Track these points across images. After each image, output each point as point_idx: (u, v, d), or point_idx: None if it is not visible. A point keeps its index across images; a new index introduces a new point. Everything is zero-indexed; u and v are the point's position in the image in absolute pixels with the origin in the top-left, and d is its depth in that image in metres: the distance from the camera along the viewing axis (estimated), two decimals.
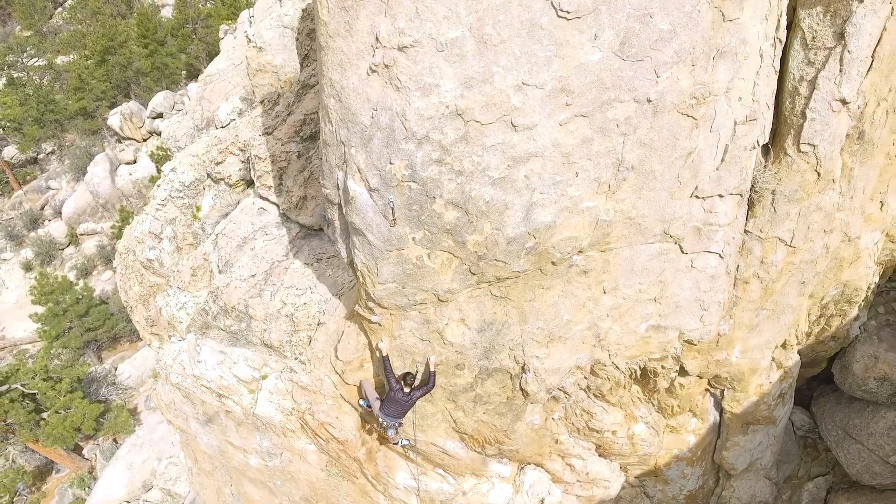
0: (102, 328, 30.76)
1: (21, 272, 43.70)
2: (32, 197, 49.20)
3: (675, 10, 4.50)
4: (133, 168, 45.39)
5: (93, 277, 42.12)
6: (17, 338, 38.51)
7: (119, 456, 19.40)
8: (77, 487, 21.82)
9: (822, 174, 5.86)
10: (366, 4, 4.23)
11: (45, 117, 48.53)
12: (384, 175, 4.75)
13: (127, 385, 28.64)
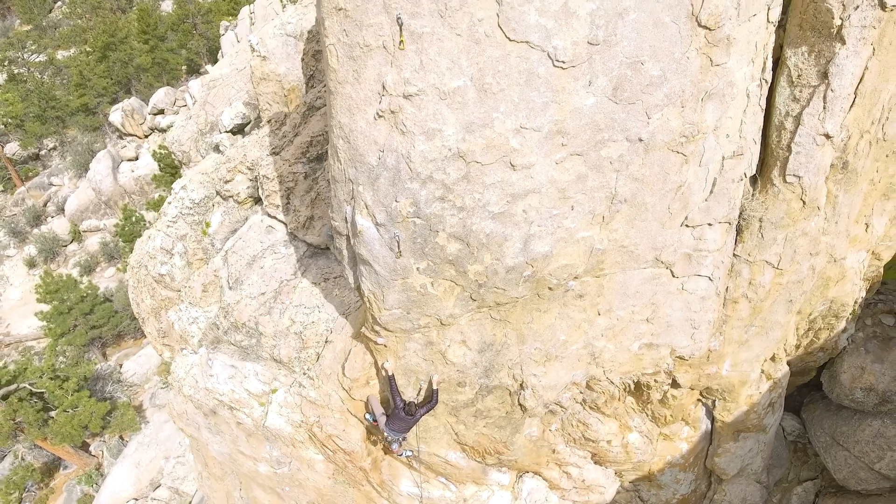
0: (107, 326, 31.08)
1: (24, 269, 43.97)
2: (35, 193, 49.40)
3: (665, 58, 4.77)
4: (135, 165, 45.59)
5: (96, 274, 42.48)
6: (21, 334, 38.83)
7: (126, 454, 19.79)
8: (85, 484, 22.25)
9: (808, 202, 6.14)
10: (373, 55, 4.49)
11: (46, 114, 48.69)
12: (390, 211, 5.04)
13: (132, 382, 29.00)
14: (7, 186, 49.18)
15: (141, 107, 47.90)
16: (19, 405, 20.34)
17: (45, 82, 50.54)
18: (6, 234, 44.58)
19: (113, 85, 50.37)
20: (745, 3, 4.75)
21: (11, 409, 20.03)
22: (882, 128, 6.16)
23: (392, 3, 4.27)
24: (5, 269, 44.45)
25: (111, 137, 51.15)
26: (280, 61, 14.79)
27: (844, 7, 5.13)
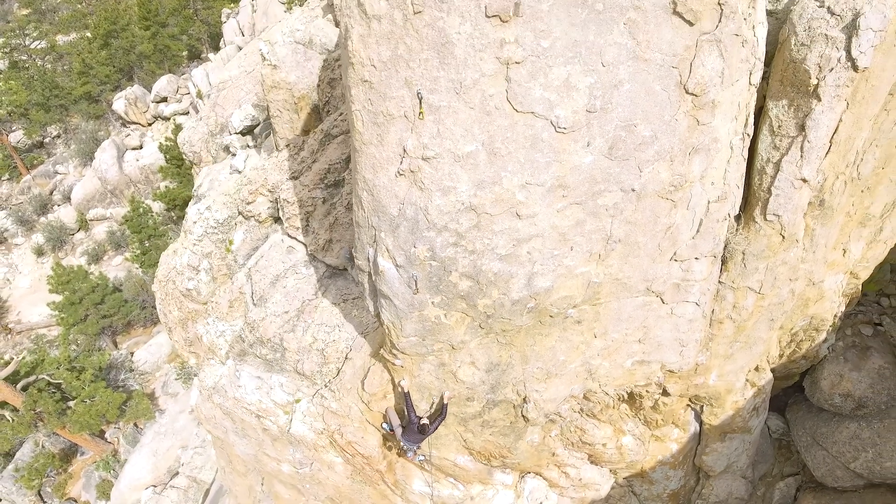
0: (117, 315, 31.82)
1: (33, 257, 44.56)
2: (41, 181, 49.82)
3: (656, 120, 5.32)
4: (140, 154, 45.96)
5: (104, 262, 43.13)
6: (32, 322, 39.58)
7: (144, 443, 20.65)
8: (103, 470, 23.17)
9: (787, 236, 6.72)
10: (395, 123, 5.05)
11: (50, 102, 48.90)
12: (409, 255, 5.64)
13: (143, 370, 29.78)
14: (13, 175, 49.60)
15: (144, 95, 48.10)
16: (39, 396, 21.15)
17: (47, 70, 50.61)
18: (14, 223, 45.14)
19: (115, 73, 50.49)
20: (729, 72, 5.28)
21: (32, 400, 20.85)
22: (857, 168, 6.71)
23: (413, 80, 4.81)
24: (14, 257, 45.12)
25: (115, 125, 51.45)
26: (290, 70, 15.28)
27: (820, 69, 5.66)
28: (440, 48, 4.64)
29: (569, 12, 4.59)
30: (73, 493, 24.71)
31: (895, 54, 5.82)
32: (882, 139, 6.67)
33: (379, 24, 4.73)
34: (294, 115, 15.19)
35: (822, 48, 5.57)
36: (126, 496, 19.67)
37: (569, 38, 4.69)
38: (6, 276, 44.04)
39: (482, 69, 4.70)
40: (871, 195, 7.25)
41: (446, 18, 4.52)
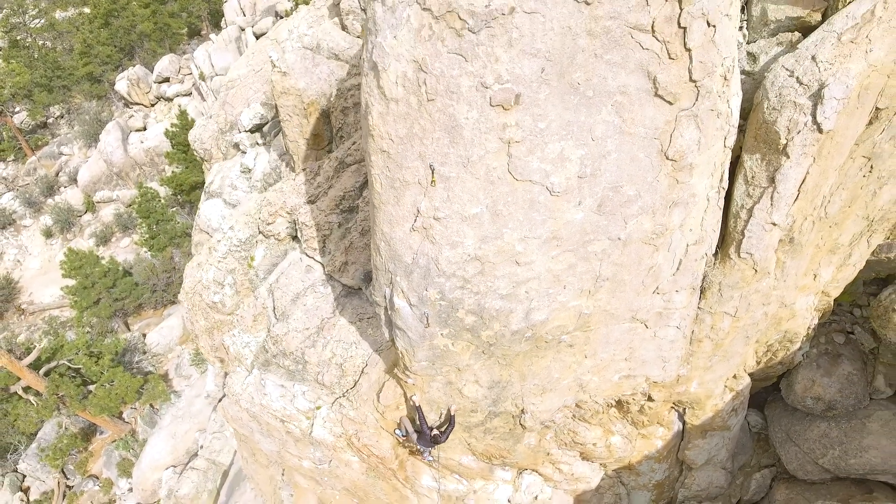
0: (129, 298, 32.70)
1: (42, 238, 45.33)
2: (46, 163, 50.23)
3: (639, 181, 6.02)
4: (144, 136, 46.32)
5: (112, 244, 43.94)
6: (45, 303, 40.53)
7: (162, 426, 21.77)
8: (122, 449, 24.39)
9: (759, 270, 7.48)
10: (410, 188, 5.77)
11: (53, 83, 48.95)
12: (421, 296, 6.42)
13: (156, 352, 30.81)
14: (18, 156, 50.03)
15: (146, 75, 48.18)
16: (60, 380, 22.20)
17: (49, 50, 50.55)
18: (21, 205, 45.78)
19: (117, 52, 50.47)
20: (705, 140, 5.96)
21: (54, 385, 21.91)
22: (825, 209, 7.42)
23: (426, 154, 5.51)
24: (23, 238, 45.91)
25: (117, 106, 51.64)
26: (299, 76, 15.86)
27: (789, 131, 6.33)
28: (450, 130, 5.32)
29: (563, 99, 5.26)
30: (93, 471, 26.04)
31: (858, 115, 6.48)
32: (848, 182, 7.37)
33: (396, 106, 5.40)
34: (304, 120, 15.82)
35: (791, 113, 6.23)
36: (147, 476, 20.88)
37: (563, 119, 5.37)
38: (16, 258, 44.92)
39: (487, 147, 5.39)
40: (839, 229, 7.97)
41: (456, 106, 5.20)
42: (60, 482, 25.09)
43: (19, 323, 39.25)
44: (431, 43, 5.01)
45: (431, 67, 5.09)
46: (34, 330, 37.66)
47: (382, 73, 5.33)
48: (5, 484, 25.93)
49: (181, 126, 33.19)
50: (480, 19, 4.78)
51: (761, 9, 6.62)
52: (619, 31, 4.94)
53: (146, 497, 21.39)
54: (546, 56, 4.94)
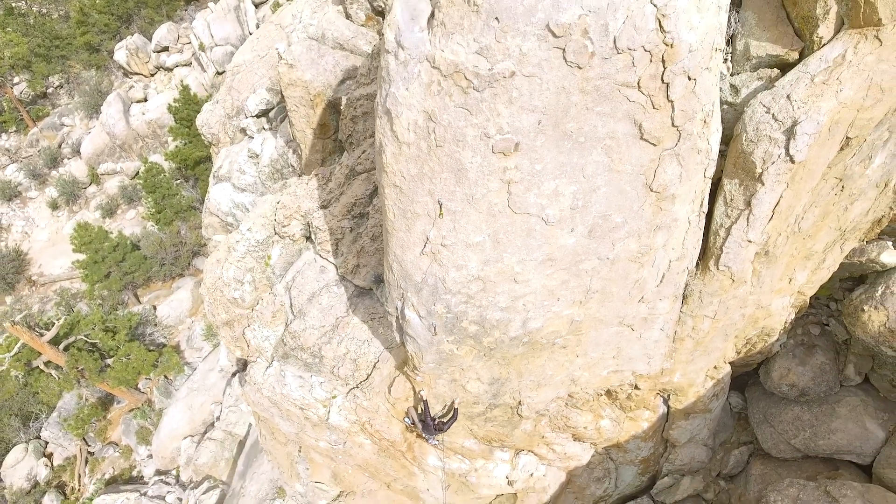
0: (138, 272, 33.52)
1: (48, 210, 45.84)
2: (48, 134, 50.37)
3: (626, 210, 6.69)
4: (145, 107, 46.31)
5: (118, 216, 44.59)
6: (55, 275, 41.37)
7: (179, 398, 22.93)
8: (140, 419, 25.66)
9: (736, 280, 8.20)
10: (420, 219, 6.44)
11: (51, 53, 48.69)
12: (430, 310, 7.17)
13: (167, 324, 31.83)
14: (20, 127, 50.11)
15: (144, 44, 47.86)
16: (80, 355, 23.24)
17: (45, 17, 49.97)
18: (26, 176, 46.16)
19: (114, 21, 49.97)
20: (686, 174, 6.59)
21: (74, 359, 22.95)
22: (798, 225, 8.09)
23: (434, 191, 6.17)
24: (30, 210, 46.48)
25: (117, 75, 51.38)
26: (306, 68, 16.29)
27: (764, 161, 6.94)
28: (456, 171, 5.96)
29: (557, 144, 5.88)
30: (113, 438, 27.43)
31: (829, 144, 7.09)
32: (821, 201, 8.02)
33: (408, 149, 6.03)
34: (310, 111, 16.34)
35: (766, 146, 6.84)
36: (166, 444, 22.15)
37: (557, 161, 6.00)
38: (24, 230, 45.61)
39: (489, 187, 6.04)
40: (812, 240, 8.66)
41: (461, 152, 5.82)
42: (82, 449, 26.49)
43: (31, 294, 40.24)
44: (440, 97, 5.60)
45: (440, 118, 5.70)
46: (46, 301, 38.68)
47: (395, 119, 5.93)
48: (29, 450, 27.35)
49: (184, 101, 33.34)
50: (484, 80, 5.37)
51: (745, 44, 7.13)
52: (608, 88, 5.53)
53: (165, 464, 22.73)
54: (542, 111, 5.54)
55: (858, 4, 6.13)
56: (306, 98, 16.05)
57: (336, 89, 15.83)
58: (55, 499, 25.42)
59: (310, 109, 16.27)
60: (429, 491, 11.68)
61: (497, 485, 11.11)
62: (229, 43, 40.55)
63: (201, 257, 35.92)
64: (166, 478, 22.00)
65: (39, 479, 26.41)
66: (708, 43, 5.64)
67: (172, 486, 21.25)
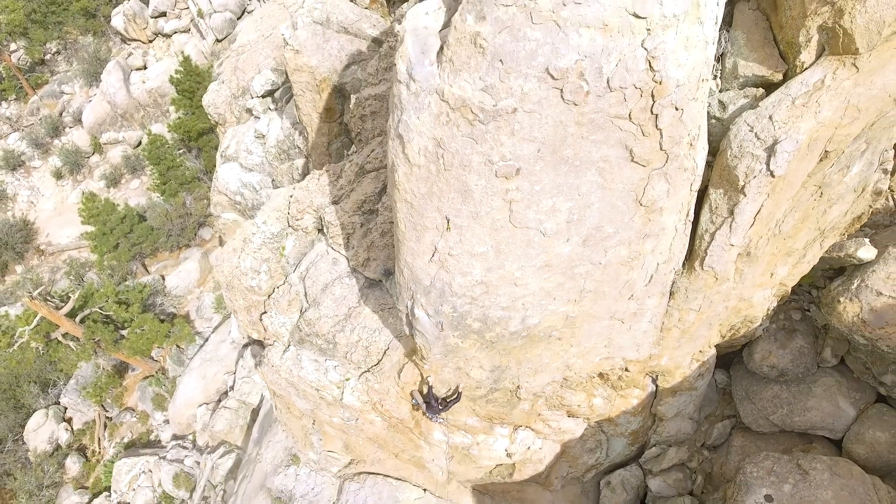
0: (146, 243, 34.19)
1: (52, 180, 46.15)
2: (48, 102, 50.21)
3: (617, 222, 7.30)
4: (145, 75, 46.06)
5: (122, 186, 44.95)
6: (62, 244, 42.04)
7: (192, 367, 23.97)
8: (155, 386, 26.81)
9: (720, 278, 8.88)
10: (429, 231, 7.06)
11: (47, 19, 48.08)
12: (437, 310, 7.87)
13: (177, 294, 32.68)
14: (20, 95, 49.91)
15: (142, 10, 47.21)
16: (95, 327, 24.17)
17: None
18: (29, 146, 46.32)
19: None
20: (673, 189, 7.17)
21: (90, 331, 23.89)
22: (779, 228, 8.70)
23: (442, 208, 6.77)
24: (34, 180, 46.79)
25: (115, 41, 50.83)
26: (311, 54, 16.63)
27: (747, 175, 7.51)
28: (463, 192, 6.56)
29: (555, 168, 6.45)
30: (129, 404, 28.71)
31: (808, 159, 7.64)
32: (801, 206, 8.61)
33: (419, 170, 6.60)
34: (316, 96, 16.74)
35: (749, 162, 7.39)
36: (182, 411, 23.32)
37: (554, 182, 6.59)
38: (30, 199, 46.03)
39: (492, 205, 6.64)
40: (793, 240, 9.29)
41: (468, 175, 6.41)
42: (101, 414, 27.78)
43: (41, 264, 41.00)
44: (448, 127, 6.15)
45: (448, 145, 6.26)
46: (56, 270, 39.48)
47: (407, 143, 6.49)
48: (50, 415, 28.64)
49: (185, 72, 33.27)
50: (489, 114, 5.91)
51: (733, 62, 7.59)
52: (601, 120, 6.06)
53: (182, 429, 23.97)
54: (541, 141, 6.10)
55: (838, 35, 6.59)
56: (312, 83, 16.39)
57: (341, 74, 16.16)
58: (77, 461, 26.84)
59: (316, 94, 16.63)
60: (434, 461, 12.69)
61: (497, 457, 12.09)
62: (228, 9, 40.01)
63: (207, 227, 36.56)
64: (183, 442, 23.25)
65: (61, 442, 27.79)
66: (695, 76, 6.14)
67: (190, 451, 22.50)
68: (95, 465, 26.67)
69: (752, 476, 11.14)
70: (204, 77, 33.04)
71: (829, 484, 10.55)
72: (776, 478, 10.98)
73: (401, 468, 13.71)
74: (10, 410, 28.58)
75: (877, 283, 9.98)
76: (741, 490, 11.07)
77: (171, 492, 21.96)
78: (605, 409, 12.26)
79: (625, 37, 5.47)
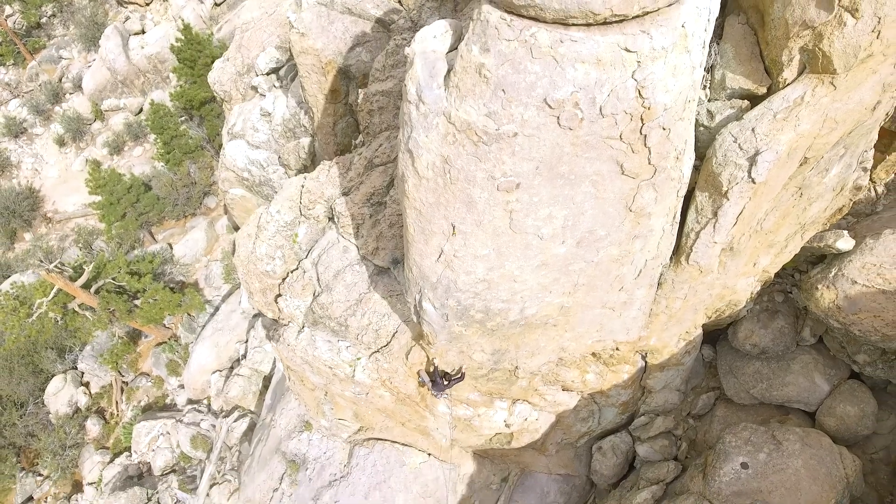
0: (152, 212, 34.80)
1: (55, 147, 46.31)
2: (47, 67, 49.89)
3: (609, 226, 7.95)
4: (144, 41, 45.67)
5: (125, 153, 45.18)
6: (69, 212, 42.54)
7: (205, 336, 25.00)
8: (168, 352, 27.93)
9: (704, 271, 9.58)
10: (436, 236, 7.73)
11: None
12: (443, 303, 8.62)
13: (185, 262, 33.48)
14: (17, 60, 49.50)
15: None
16: (110, 297, 25.09)
17: None
18: (30, 112, 46.26)
19: None
20: (661, 197, 7.79)
21: (105, 301, 24.81)
22: (760, 225, 9.35)
23: (448, 216, 7.42)
24: (37, 147, 46.94)
25: (111, 4, 50.10)
26: (316, 36, 16.95)
27: (730, 182, 8.12)
28: (467, 203, 7.19)
29: (551, 182, 7.06)
30: (143, 369, 29.93)
31: (788, 165, 8.23)
32: (782, 206, 9.24)
33: (427, 182, 7.22)
34: (322, 78, 17.12)
35: (732, 170, 7.98)
36: (196, 377, 24.48)
37: (551, 194, 7.21)
38: (34, 167, 46.28)
39: (494, 215, 7.29)
40: (774, 234, 9.95)
41: (472, 189, 7.03)
42: (117, 379, 29.02)
43: (49, 232, 41.65)
44: (454, 146, 6.74)
45: (454, 162, 6.86)
46: (64, 238, 40.18)
47: (416, 158, 7.09)
48: (68, 379, 29.90)
49: (186, 41, 33.12)
50: (492, 137, 6.49)
51: (722, 74, 8.08)
52: (594, 140, 6.64)
53: (196, 394, 25.20)
54: (539, 160, 6.70)
55: (818, 56, 7.08)
56: (318, 66, 16.72)
57: (346, 56, 16.46)
58: (97, 423, 28.25)
59: (321, 76, 16.98)
60: (438, 430, 13.73)
61: (496, 427, 13.11)
62: None
63: (212, 196, 37.05)
64: (199, 406, 24.51)
65: (80, 405, 29.14)
66: (682, 99, 6.68)
67: (205, 414, 23.76)
68: (115, 427, 28.09)
69: (730, 445, 12.14)
70: (205, 45, 32.90)
71: (800, 453, 11.55)
72: (752, 447, 11.97)
73: (407, 435, 14.80)
74: (29, 375, 29.81)
75: (853, 272, 10.69)
76: (720, 458, 12.09)
77: (189, 452, 23.33)
78: (598, 384, 13.18)
79: (616, 70, 6.00)
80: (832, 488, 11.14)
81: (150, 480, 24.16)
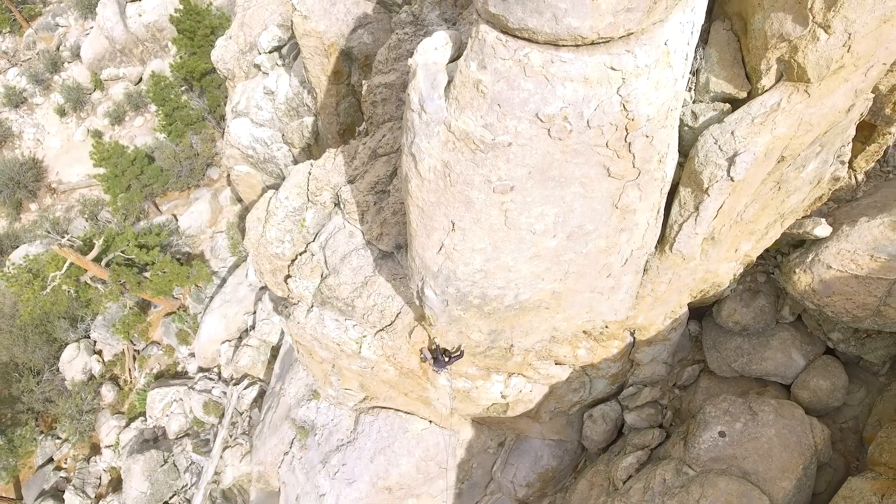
0: (156, 183, 35.24)
1: (56, 117, 46.34)
2: (45, 35, 49.49)
3: (597, 221, 8.60)
4: (141, 8, 45.17)
5: (126, 123, 45.28)
6: (73, 182, 42.91)
7: (213, 308, 25.88)
8: (178, 322, 28.88)
9: (687, 259, 10.28)
10: (437, 231, 8.39)
11: None
12: (444, 290, 9.35)
13: (190, 234, 34.13)
14: (14, 28, 49.04)
15: None
16: (120, 270, 25.87)
17: None
18: (29, 82, 46.10)
19: None
20: (645, 195, 8.41)
21: (116, 274, 25.60)
22: (740, 216, 9.99)
23: (448, 214, 8.07)
24: (38, 117, 46.98)
25: None
26: (319, 19, 17.28)
27: (710, 180, 8.73)
28: (466, 203, 7.83)
29: (543, 184, 7.69)
30: (154, 338, 30.95)
31: (766, 164, 8.82)
32: (761, 199, 9.86)
33: (429, 184, 7.85)
34: (325, 59, 17.50)
35: (712, 169, 8.58)
36: (206, 347, 25.49)
37: (543, 194, 7.84)
38: (36, 137, 46.42)
39: (490, 213, 7.94)
40: (754, 223, 10.60)
41: (470, 191, 7.66)
42: (129, 347, 30.09)
43: (54, 203, 42.16)
44: (454, 152, 7.34)
45: (454, 167, 7.47)
46: (69, 209, 40.71)
47: (419, 161, 7.70)
48: (81, 348, 30.97)
49: (185, 11, 32.93)
50: (488, 146, 7.08)
51: (706, 78, 8.59)
52: (582, 148, 7.24)
53: (207, 363, 26.26)
54: (532, 166, 7.31)
55: (793, 66, 7.59)
56: (321, 48, 17.06)
57: (348, 38, 16.80)
58: (111, 389, 29.46)
59: (324, 58, 17.33)
60: (438, 400, 14.68)
61: (493, 398, 14.05)
62: None
63: (214, 168, 37.42)
64: (210, 374, 25.60)
65: (94, 372, 30.31)
66: (664, 109, 7.24)
67: (216, 382, 24.86)
68: (129, 393, 29.32)
69: (710, 415, 13.09)
70: (204, 15, 32.74)
71: (774, 423, 12.49)
72: (730, 417, 12.92)
73: (410, 404, 15.78)
74: (43, 343, 30.87)
75: (828, 257, 11.38)
76: (700, 427, 13.05)
77: (202, 417, 24.53)
78: (588, 358, 14.06)
79: (602, 87, 6.56)
80: (801, 455, 12.12)
81: (165, 444, 25.45)
